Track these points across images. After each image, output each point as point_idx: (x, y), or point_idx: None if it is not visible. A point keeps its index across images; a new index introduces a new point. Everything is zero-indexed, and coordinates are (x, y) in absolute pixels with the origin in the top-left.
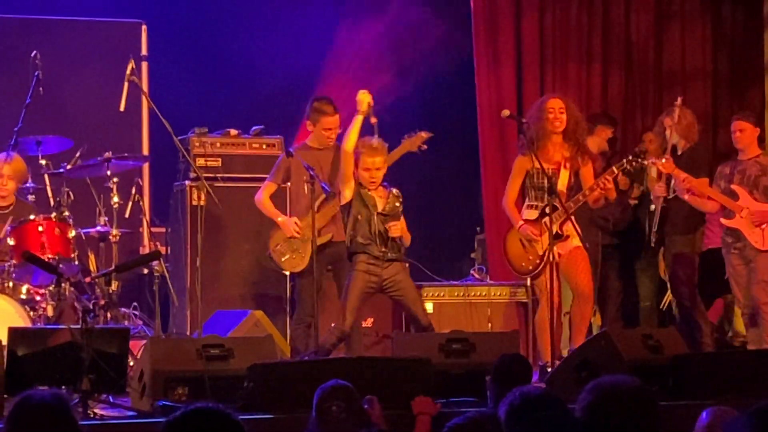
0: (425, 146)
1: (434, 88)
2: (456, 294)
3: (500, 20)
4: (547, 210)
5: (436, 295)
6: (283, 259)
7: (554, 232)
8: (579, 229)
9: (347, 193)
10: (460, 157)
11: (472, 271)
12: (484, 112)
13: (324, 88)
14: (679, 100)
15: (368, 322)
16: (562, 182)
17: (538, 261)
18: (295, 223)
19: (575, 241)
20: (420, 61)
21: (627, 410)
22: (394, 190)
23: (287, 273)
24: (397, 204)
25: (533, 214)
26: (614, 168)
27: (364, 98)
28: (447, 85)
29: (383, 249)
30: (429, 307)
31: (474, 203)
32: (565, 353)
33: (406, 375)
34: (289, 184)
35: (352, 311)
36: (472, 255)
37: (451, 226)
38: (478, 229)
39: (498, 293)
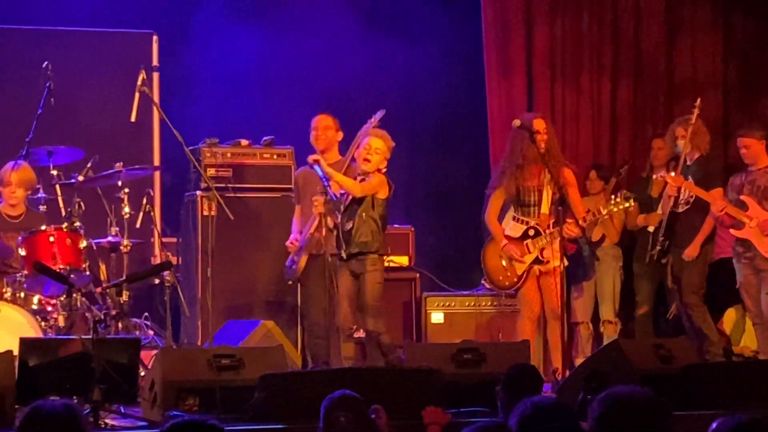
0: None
1: (445, 97)
2: (466, 304)
3: (511, 30)
4: (530, 233)
5: (447, 305)
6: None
7: (535, 257)
8: (564, 249)
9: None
10: (470, 167)
11: (482, 281)
12: (495, 122)
13: (334, 97)
14: (699, 101)
15: None
16: (545, 204)
17: (516, 279)
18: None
19: (555, 262)
20: (431, 71)
21: (638, 421)
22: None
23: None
24: (357, 178)
25: (517, 229)
26: (600, 208)
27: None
28: (458, 95)
29: (346, 249)
30: (439, 317)
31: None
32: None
33: (417, 385)
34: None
35: (341, 306)
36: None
37: (461, 236)
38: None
39: (509, 303)
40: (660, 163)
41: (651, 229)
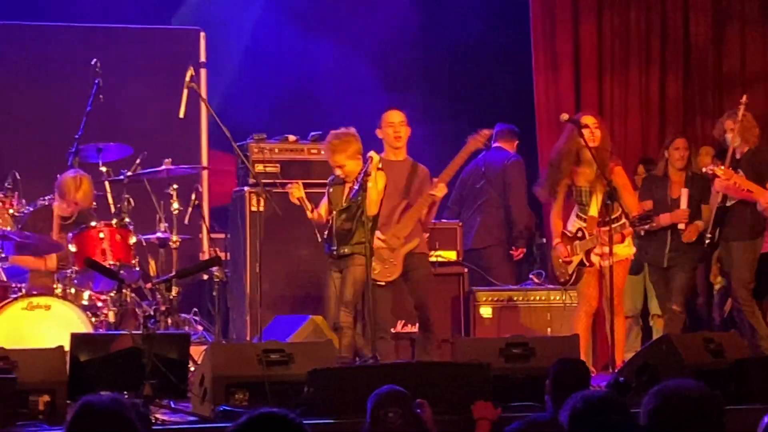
0: (489, 143)
1: (492, 92)
2: (515, 298)
3: (558, 24)
4: (579, 235)
5: (495, 299)
6: (376, 272)
7: (580, 260)
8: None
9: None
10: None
11: (531, 276)
12: (542, 117)
13: (382, 94)
14: (744, 97)
15: None
16: (594, 207)
17: (568, 277)
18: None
19: (605, 262)
20: (478, 66)
21: (692, 414)
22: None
23: (383, 283)
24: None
25: (575, 226)
26: (623, 232)
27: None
28: (504, 89)
29: (337, 246)
30: (488, 311)
31: (533, 208)
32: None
33: (466, 380)
34: None
35: (329, 304)
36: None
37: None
38: (537, 233)
39: (557, 298)
40: (682, 165)
41: (682, 227)
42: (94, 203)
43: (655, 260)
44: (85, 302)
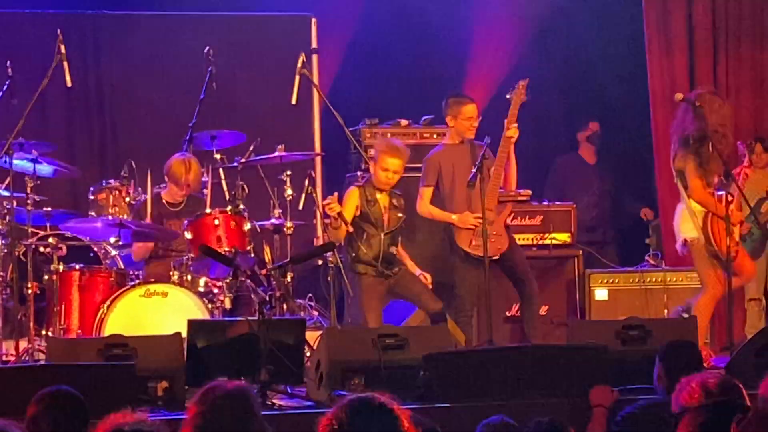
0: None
1: (605, 73)
2: (631, 280)
3: (671, 4)
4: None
5: (611, 281)
6: (488, 248)
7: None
8: None
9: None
10: (632, 143)
11: (647, 257)
12: (657, 97)
13: (490, 77)
14: None
15: (543, 310)
16: None
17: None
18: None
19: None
20: (591, 47)
21: None
22: (395, 200)
23: (497, 257)
24: (400, 215)
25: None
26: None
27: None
28: (618, 70)
29: (385, 269)
30: (603, 293)
31: (648, 189)
32: None
33: (582, 363)
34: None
35: (373, 313)
36: (647, 241)
37: (624, 212)
38: (652, 214)
39: (674, 279)
40: None
41: None
42: (205, 190)
43: None
44: (201, 289)
